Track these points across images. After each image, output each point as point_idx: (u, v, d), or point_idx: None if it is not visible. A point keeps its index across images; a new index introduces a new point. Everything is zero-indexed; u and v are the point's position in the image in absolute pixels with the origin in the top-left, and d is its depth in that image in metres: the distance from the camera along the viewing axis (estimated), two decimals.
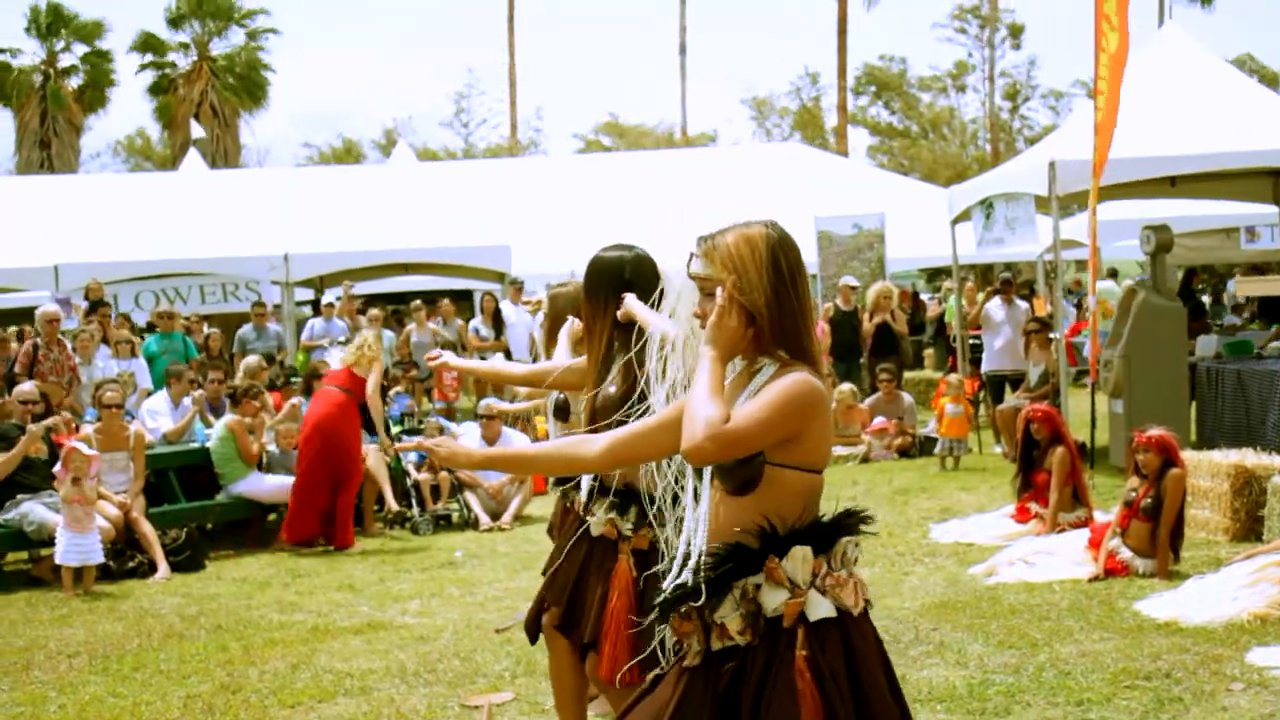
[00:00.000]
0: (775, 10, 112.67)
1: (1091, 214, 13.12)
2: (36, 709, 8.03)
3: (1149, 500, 10.03)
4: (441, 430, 14.90)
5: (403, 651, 8.95)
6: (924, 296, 29.45)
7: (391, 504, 14.07)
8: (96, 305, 19.50)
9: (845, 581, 3.88)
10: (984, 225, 16.31)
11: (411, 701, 7.74)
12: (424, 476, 14.29)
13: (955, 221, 17.76)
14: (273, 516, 13.97)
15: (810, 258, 23.63)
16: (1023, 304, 18.18)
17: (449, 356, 6.72)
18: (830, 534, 3.89)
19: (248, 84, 49.93)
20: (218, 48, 50.73)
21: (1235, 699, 7.03)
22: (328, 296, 22.95)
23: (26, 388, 13.02)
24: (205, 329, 21.01)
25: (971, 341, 19.19)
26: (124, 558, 12.26)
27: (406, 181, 30.68)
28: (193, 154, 33.93)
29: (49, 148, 47.90)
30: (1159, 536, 10.00)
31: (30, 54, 49.95)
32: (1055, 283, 15.27)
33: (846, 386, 18.24)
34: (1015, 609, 9.19)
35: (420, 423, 15.56)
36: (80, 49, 50.42)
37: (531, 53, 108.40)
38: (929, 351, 26.70)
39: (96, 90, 50.05)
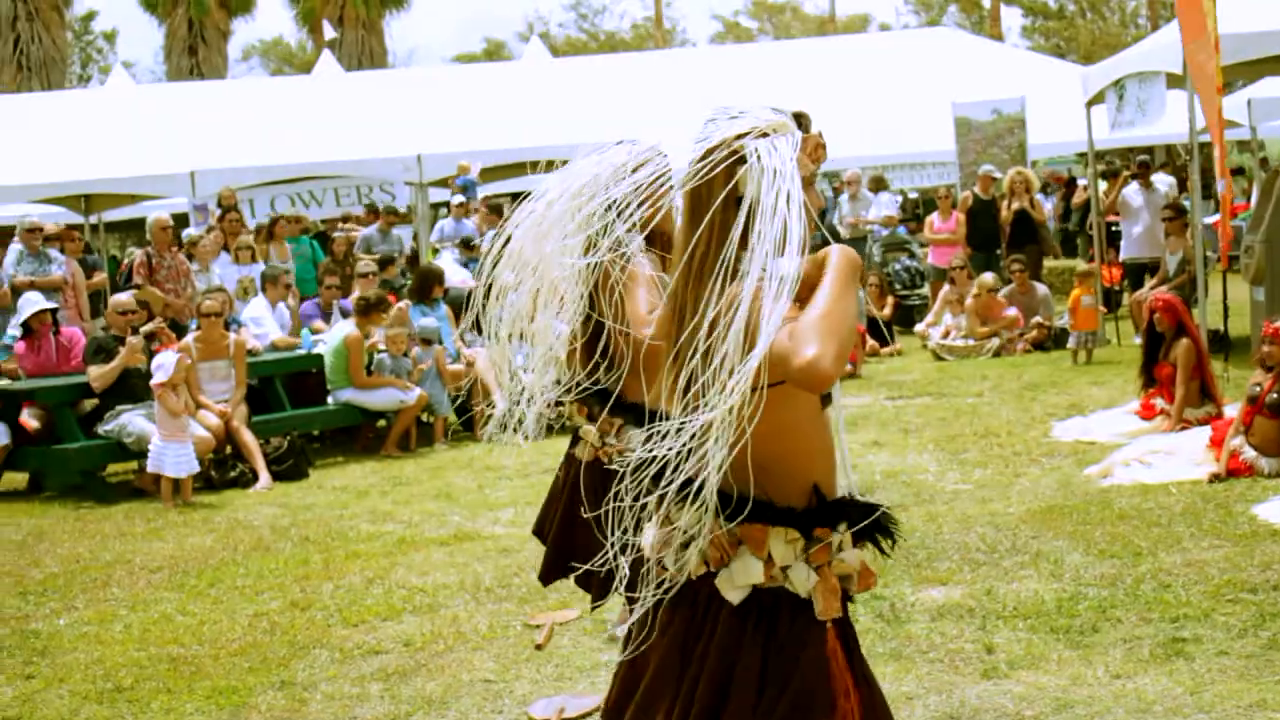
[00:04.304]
0: None
1: (1217, 91, 12.33)
2: (103, 627, 7.87)
3: (1275, 395, 9.42)
4: None
5: (481, 564, 8.67)
6: (1081, 182, 28.40)
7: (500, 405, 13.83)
8: (227, 211, 19.39)
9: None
10: (1116, 107, 15.54)
11: (476, 620, 7.45)
12: None
13: (1090, 104, 16.96)
14: (381, 423, 13.77)
15: (948, 145, 22.90)
16: (1163, 188, 17.39)
17: None
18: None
19: None
20: None
21: None
22: (456, 198, 22.69)
23: (124, 298, 12.88)
24: (336, 232, 20.87)
25: (1114, 228, 18.42)
26: (225, 468, 12.16)
27: (540, 78, 30.22)
28: (326, 56, 33.64)
29: (196, 55, 48.05)
30: None
31: None
32: (1192, 165, 14.48)
33: (989, 275, 17.60)
34: (1125, 514, 8.67)
35: None
36: None
37: None
38: (1081, 240, 25.82)
39: None
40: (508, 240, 5.41)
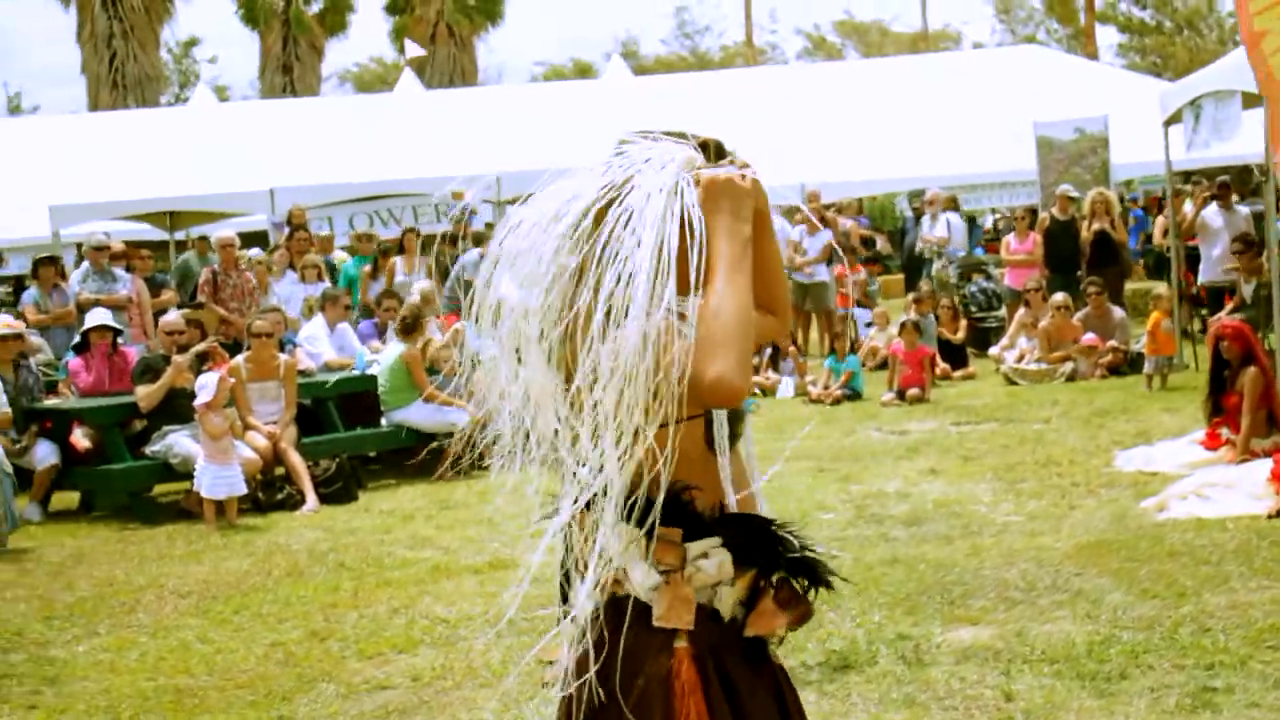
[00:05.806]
0: None
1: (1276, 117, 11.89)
2: (119, 655, 7.76)
3: None
4: None
5: (510, 594, 8.46)
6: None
7: None
8: (296, 230, 19.37)
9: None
10: (1193, 127, 15.11)
11: (490, 654, 7.26)
12: None
13: (1168, 123, 16.54)
14: (434, 444, 13.62)
15: (1029, 164, 22.49)
16: (1244, 209, 16.93)
17: None
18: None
19: (484, 2, 49.63)
20: None
21: None
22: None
23: (171, 318, 12.86)
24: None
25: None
26: (273, 489, 12.05)
27: (622, 96, 30.15)
28: (407, 74, 33.78)
29: (291, 72, 48.32)
30: None
31: None
32: (1267, 186, 14.05)
33: (1059, 295, 17.20)
34: (1175, 551, 8.33)
35: None
36: None
37: None
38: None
39: (337, 13, 50.25)
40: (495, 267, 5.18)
